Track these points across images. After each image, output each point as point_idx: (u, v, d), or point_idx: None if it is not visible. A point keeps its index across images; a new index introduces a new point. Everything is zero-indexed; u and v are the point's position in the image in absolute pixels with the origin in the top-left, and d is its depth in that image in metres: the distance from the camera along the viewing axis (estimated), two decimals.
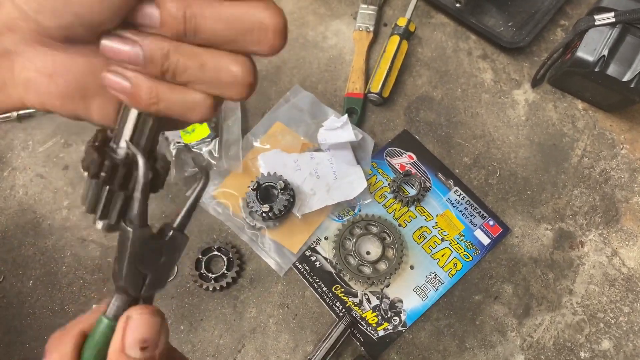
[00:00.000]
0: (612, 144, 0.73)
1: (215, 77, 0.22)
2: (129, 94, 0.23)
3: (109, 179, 0.25)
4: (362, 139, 0.69)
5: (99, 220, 0.26)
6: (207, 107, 0.24)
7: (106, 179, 0.25)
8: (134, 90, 0.23)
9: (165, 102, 0.23)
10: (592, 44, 0.65)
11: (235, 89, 0.23)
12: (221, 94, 0.23)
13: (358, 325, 0.63)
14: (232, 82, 0.23)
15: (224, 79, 0.22)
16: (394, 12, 0.80)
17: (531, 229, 0.68)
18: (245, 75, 0.23)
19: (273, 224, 0.65)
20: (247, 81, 0.23)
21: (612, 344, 0.64)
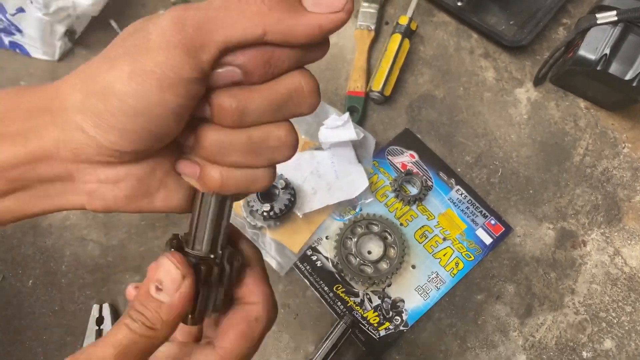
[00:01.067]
0: (614, 142, 0.73)
1: (263, 145, 0.24)
2: (199, 177, 0.25)
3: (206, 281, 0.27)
4: (364, 137, 0.69)
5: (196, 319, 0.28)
6: (267, 177, 0.26)
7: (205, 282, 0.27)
8: (202, 174, 0.25)
9: (231, 179, 0.25)
10: (594, 42, 0.65)
11: (282, 152, 0.25)
12: (273, 159, 0.25)
13: (359, 325, 0.63)
14: (279, 146, 0.25)
15: (271, 144, 0.25)
16: (396, 10, 0.80)
17: (533, 228, 0.68)
18: (288, 137, 0.25)
19: (274, 223, 0.65)
20: (291, 142, 0.25)
21: (614, 343, 0.64)
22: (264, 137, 0.24)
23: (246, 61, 0.22)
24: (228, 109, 0.23)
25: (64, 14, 0.67)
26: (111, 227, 0.66)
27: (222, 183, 0.25)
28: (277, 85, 0.23)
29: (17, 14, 0.67)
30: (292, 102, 0.24)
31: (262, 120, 0.24)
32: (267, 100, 0.23)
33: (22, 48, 0.73)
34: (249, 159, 0.25)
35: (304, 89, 0.24)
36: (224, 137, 0.24)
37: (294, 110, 0.24)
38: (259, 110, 0.23)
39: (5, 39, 0.72)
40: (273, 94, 0.23)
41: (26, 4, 0.65)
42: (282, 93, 0.23)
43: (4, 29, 0.70)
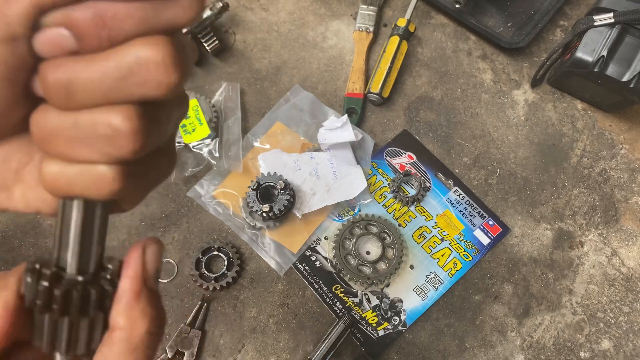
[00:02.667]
0: (612, 144, 0.73)
1: (92, 133, 0.19)
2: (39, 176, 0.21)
3: (65, 309, 0.22)
4: (362, 139, 0.69)
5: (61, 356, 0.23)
6: (109, 177, 0.20)
7: (62, 310, 0.22)
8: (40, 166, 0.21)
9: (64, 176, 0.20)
10: (591, 44, 0.65)
11: (116, 144, 0.19)
12: (107, 152, 0.20)
13: (358, 325, 0.63)
14: (111, 135, 0.19)
15: (101, 132, 0.19)
16: (394, 12, 0.80)
17: (531, 228, 0.69)
18: (124, 125, 0.19)
19: (273, 223, 0.65)
20: (127, 131, 0.19)
21: (612, 343, 0.64)
22: (92, 123, 0.19)
23: (73, 19, 0.18)
24: (50, 82, 0.19)
25: None
26: (111, 227, 0.66)
27: (55, 180, 0.20)
28: (114, 54, 0.18)
29: None
30: (133, 78, 0.19)
31: (94, 100, 0.19)
32: (99, 73, 0.18)
33: None
34: (78, 150, 0.20)
35: (150, 60, 0.18)
36: (50, 121, 0.20)
37: (137, 89, 0.19)
38: (90, 86, 0.19)
39: None
40: (108, 65, 0.18)
41: None
42: (120, 65, 0.18)
43: None
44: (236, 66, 0.75)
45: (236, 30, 0.77)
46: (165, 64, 0.18)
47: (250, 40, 0.76)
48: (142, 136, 0.19)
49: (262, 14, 0.78)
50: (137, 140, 0.19)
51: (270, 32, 0.77)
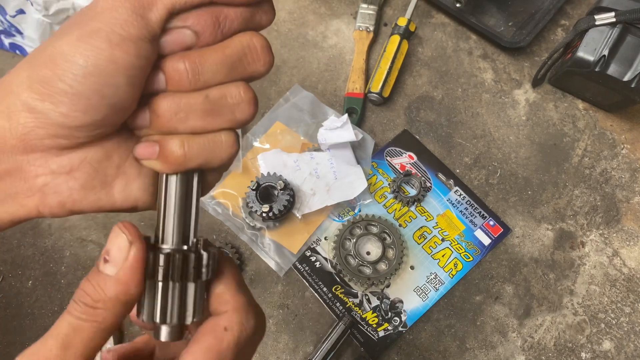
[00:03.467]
0: (613, 143, 0.73)
1: (223, 103, 0.24)
2: (160, 155, 0.24)
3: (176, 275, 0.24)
4: (362, 138, 0.69)
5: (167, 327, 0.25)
6: (230, 142, 0.25)
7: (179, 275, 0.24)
8: (162, 150, 0.24)
9: (193, 148, 0.24)
10: (592, 43, 0.65)
11: (243, 109, 0.25)
12: (234, 118, 0.25)
13: (358, 325, 0.63)
14: (238, 103, 0.24)
15: (230, 101, 0.24)
16: (394, 11, 0.80)
17: (532, 229, 0.68)
18: (247, 94, 0.24)
19: (273, 224, 0.65)
20: (249, 98, 0.25)
21: (613, 344, 0.64)
22: (221, 95, 0.24)
23: (195, 21, 0.22)
24: (182, 71, 0.23)
25: (63, 15, 0.68)
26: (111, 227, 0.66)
27: (185, 153, 0.24)
28: (229, 43, 0.24)
29: (17, 16, 0.67)
30: (245, 59, 0.24)
31: (217, 80, 0.24)
32: (220, 59, 0.23)
33: (22, 49, 0.73)
34: (210, 120, 0.24)
35: (256, 46, 0.24)
36: (180, 100, 0.23)
37: (249, 68, 0.24)
38: (213, 69, 0.23)
39: (5, 41, 0.72)
40: (226, 52, 0.23)
41: (26, 5, 0.66)
42: (235, 51, 0.24)
43: (4, 30, 0.70)
44: None
45: None
46: (266, 47, 0.25)
47: None
48: (256, 103, 0.25)
49: None
50: (254, 105, 0.25)
51: (269, 32, 0.77)
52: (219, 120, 0.24)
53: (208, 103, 0.24)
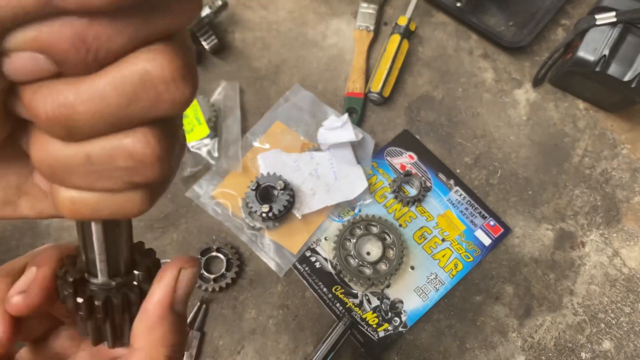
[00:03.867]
0: (613, 144, 0.73)
1: (110, 166, 0.17)
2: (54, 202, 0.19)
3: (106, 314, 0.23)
4: (363, 138, 0.69)
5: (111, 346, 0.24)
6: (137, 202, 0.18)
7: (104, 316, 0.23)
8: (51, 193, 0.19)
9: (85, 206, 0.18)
10: (593, 43, 0.65)
11: (141, 172, 0.17)
12: (131, 181, 0.17)
13: (358, 326, 0.63)
14: (133, 165, 0.17)
15: (121, 164, 0.17)
16: (395, 11, 0.79)
17: (532, 229, 0.68)
18: (146, 151, 0.16)
19: (273, 224, 0.65)
20: (151, 156, 0.17)
21: (613, 344, 0.64)
22: (109, 154, 0.16)
23: (49, 42, 0.14)
24: (40, 113, 0.16)
25: None
26: None
27: (75, 210, 0.18)
28: (111, 75, 0.15)
29: None
30: (140, 99, 0.16)
31: (100, 130, 0.16)
32: (99, 99, 0.15)
33: None
34: (98, 182, 0.17)
35: (156, 77, 0.15)
36: (55, 155, 0.17)
37: (150, 110, 0.16)
38: (91, 115, 0.16)
39: None
40: (107, 89, 0.15)
41: None
42: (121, 87, 0.15)
43: None
44: (235, 65, 0.74)
45: (235, 29, 0.76)
46: (175, 78, 0.16)
47: (250, 39, 0.76)
48: (167, 158, 0.17)
49: (261, 12, 0.78)
50: (163, 164, 0.17)
51: (269, 31, 0.77)
52: (111, 182, 0.17)
53: (90, 165, 0.17)
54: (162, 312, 0.22)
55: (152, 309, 0.22)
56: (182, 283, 0.23)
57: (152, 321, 0.22)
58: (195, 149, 0.66)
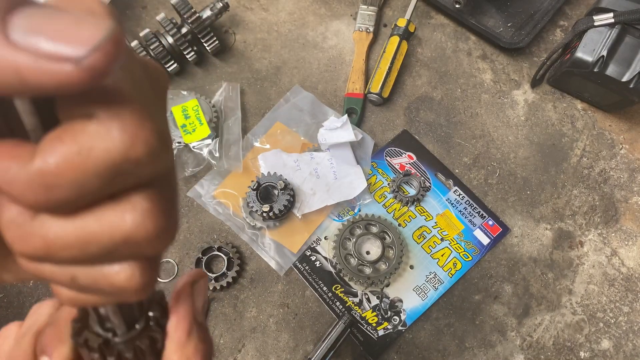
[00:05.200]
0: (612, 144, 0.73)
1: (95, 287, 0.17)
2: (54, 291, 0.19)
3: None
4: (362, 139, 0.69)
5: None
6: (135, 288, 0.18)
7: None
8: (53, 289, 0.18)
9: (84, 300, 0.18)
10: (591, 44, 0.65)
11: (127, 297, 0.17)
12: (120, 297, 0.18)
13: (358, 324, 0.63)
14: (116, 292, 0.17)
15: (106, 289, 0.17)
16: (394, 12, 0.80)
17: (530, 228, 0.69)
18: (130, 283, 0.17)
19: (273, 223, 0.66)
20: (136, 286, 0.17)
21: (611, 343, 0.64)
22: (93, 280, 0.17)
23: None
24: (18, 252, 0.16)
25: None
26: None
27: (75, 304, 0.18)
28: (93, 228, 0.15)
29: None
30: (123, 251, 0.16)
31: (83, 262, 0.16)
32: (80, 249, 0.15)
33: None
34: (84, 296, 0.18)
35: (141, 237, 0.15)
36: (40, 272, 0.17)
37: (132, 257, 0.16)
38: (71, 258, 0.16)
39: None
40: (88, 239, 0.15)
41: None
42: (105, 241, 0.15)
43: None
44: (236, 66, 0.75)
45: (236, 30, 0.77)
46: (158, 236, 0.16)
47: (251, 40, 0.76)
48: (151, 284, 0.17)
49: (262, 14, 0.78)
50: (145, 290, 0.17)
51: (270, 32, 0.77)
52: (97, 298, 0.18)
53: (76, 286, 0.17)
54: (188, 326, 0.22)
55: (178, 326, 0.22)
56: (197, 294, 0.23)
57: (181, 338, 0.22)
58: (196, 149, 0.67)
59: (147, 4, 0.78)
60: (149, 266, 0.17)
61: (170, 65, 0.69)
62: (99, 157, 0.14)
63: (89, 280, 0.16)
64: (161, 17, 0.67)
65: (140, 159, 0.14)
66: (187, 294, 0.23)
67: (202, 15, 0.69)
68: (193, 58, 0.70)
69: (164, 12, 0.67)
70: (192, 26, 0.68)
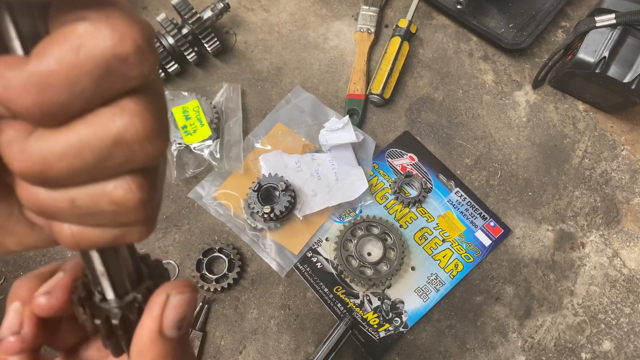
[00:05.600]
0: (613, 145, 0.73)
1: (96, 210, 0.17)
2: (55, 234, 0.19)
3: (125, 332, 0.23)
4: (363, 140, 0.69)
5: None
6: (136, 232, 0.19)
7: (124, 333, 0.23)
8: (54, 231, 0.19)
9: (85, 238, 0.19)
10: (592, 45, 0.65)
11: (126, 217, 0.18)
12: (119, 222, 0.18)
13: (359, 326, 0.63)
14: (117, 211, 0.17)
15: (106, 209, 0.17)
16: (395, 13, 0.80)
17: (532, 230, 0.69)
18: (130, 197, 0.17)
19: (274, 225, 0.65)
20: (136, 201, 0.17)
21: (613, 345, 0.64)
22: (92, 200, 0.17)
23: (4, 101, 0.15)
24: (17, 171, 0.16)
25: None
26: None
27: (76, 242, 0.18)
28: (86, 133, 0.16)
29: None
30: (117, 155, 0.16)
31: (79, 180, 0.17)
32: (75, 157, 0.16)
33: None
34: (89, 221, 0.18)
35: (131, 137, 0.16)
36: (40, 197, 0.17)
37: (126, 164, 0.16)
38: (68, 170, 0.16)
39: None
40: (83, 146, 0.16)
41: None
42: (98, 145, 0.16)
43: None
44: (237, 67, 0.75)
45: (237, 31, 0.77)
46: (148, 137, 0.16)
47: (251, 41, 0.76)
48: (152, 201, 0.18)
49: (263, 14, 0.78)
50: (146, 207, 0.18)
51: (271, 33, 0.77)
52: (100, 221, 0.18)
53: (76, 208, 0.17)
54: (151, 337, 0.22)
55: (140, 334, 0.22)
56: (171, 309, 0.22)
57: (141, 347, 0.22)
58: (197, 150, 0.67)
59: (148, 4, 0.78)
60: (145, 180, 0.17)
61: (171, 66, 0.69)
62: (89, 54, 0.14)
63: (88, 201, 0.17)
64: (162, 17, 0.66)
65: (129, 57, 0.15)
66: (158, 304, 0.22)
67: (203, 16, 0.68)
68: (194, 59, 0.70)
69: (165, 13, 0.67)
70: (193, 27, 0.68)
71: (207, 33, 0.69)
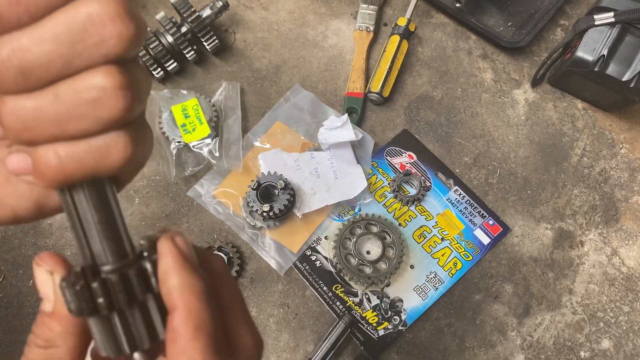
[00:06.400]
0: (612, 143, 0.73)
1: (78, 101, 0.18)
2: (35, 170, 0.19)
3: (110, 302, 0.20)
4: (362, 138, 0.69)
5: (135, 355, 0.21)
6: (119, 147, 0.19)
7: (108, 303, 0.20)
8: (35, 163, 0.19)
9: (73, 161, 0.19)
10: (591, 43, 0.65)
11: (108, 103, 0.18)
12: (102, 117, 0.18)
13: (358, 324, 0.63)
14: (100, 97, 0.18)
15: (86, 96, 0.18)
16: (394, 11, 0.80)
17: (531, 228, 0.69)
18: (108, 81, 0.18)
19: (273, 223, 0.65)
20: (113, 86, 0.18)
21: (612, 343, 0.64)
22: (74, 90, 0.18)
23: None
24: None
25: None
26: None
27: (61, 166, 0.19)
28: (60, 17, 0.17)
29: None
30: (91, 34, 0.17)
31: (57, 72, 0.18)
32: (52, 40, 0.17)
33: None
34: (70, 125, 0.18)
35: (100, 13, 0.17)
36: (25, 105, 0.18)
37: (101, 46, 0.17)
38: (45, 59, 0.17)
39: None
40: (58, 29, 0.17)
41: None
42: (71, 26, 0.17)
43: None
44: (236, 65, 0.74)
45: (236, 30, 0.77)
46: (118, 14, 0.17)
47: (251, 39, 0.76)
48: (129, 90, 0.18)
49: (262, 13, 0.78)
50: (125, 94, 0.18)
51: (270, 31, 0.77)
52: (85, 122, 0.18)
53: (60, 103, 0.18)
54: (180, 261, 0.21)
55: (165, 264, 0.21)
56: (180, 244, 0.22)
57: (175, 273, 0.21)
58: (196, 148, 0.67)
59: (147, 3, 0.78)
60: (124, 69, 0.18)
61: (170, 65, 0.69)
62: None
63: (71, 93, 0.18)
64: (161, 16, 0.66)
65: None
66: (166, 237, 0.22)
67: (202, 14, 0.68)
68: (193, 57, 0.70)
69: (164, 11, 0.67)
70: (192, 25, 0.68)
71: (206, 31, 0.69)
